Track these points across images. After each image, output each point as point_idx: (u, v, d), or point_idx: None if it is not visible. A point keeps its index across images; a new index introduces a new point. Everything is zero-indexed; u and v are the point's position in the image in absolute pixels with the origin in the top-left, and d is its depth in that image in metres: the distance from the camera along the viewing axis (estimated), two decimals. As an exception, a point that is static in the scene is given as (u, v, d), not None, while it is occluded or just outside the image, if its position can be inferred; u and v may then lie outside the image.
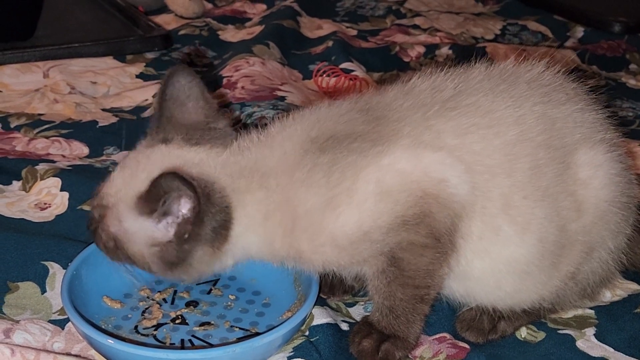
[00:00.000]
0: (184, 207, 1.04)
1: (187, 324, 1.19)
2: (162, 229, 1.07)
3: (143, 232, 1.08)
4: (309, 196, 1.07)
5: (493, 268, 1.12)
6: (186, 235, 1.06)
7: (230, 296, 1.26)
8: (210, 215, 1.06)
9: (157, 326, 1.19)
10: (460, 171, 1.07)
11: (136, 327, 1.19)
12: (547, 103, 1.12)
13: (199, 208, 1.03)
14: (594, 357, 1.17)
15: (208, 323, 1.19)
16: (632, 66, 2.33)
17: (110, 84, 2.06)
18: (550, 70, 1.18)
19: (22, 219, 1.46)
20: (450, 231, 1.08)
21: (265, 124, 1.16)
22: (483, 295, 1.16)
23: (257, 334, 1.17)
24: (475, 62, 1.18)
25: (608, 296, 1.30)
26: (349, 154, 1.07)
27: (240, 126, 1.18)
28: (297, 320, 1.11)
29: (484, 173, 1.08)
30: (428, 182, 1.06)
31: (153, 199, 1.04)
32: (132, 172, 1.10)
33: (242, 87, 1.97)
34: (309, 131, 1.10)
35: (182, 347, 1.15)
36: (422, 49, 2.32)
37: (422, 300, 1.12)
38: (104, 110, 1.93)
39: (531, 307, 1.18)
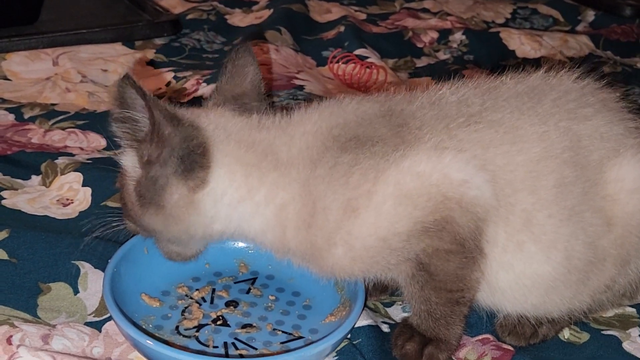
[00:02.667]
0: (137, 106, 1.04)
1: (228, 325, 1.17)
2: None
3: (130, 158, 1.11)
4: (329, 193, 1.07)
5: (518, 282, 1.11)
6: (150, 147, 1.07)
7: (270, 296, 1.24)
8: (174, 135, 1.06)
9: (199, 327, 1.17)
10: (482, 174, 1.06)
11: (177, 327, 1.16)
12: (573, 119, 1.11)
13: (153, 116, 1.04)
14: (643, 359, 1.17)
15: (250, 325, 1.17)
16: (647, 51, 2.32)
17: (121, 72, 2.01)
18: (579, 81, 1.15)
19: (46, 215, 1.43)
20: (475, 235, 1.06)
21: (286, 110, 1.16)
22: (509, 306, 1.15)
23: (300, 337, 1.15)
24: (506, 75, 1.16)
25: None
26: (371, 156, 1.06)
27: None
28: (348, 327, 1.10)
29: (505, 187, 1.07)
30: (448, 185, 1.04)
31: (116, 105, 1.06)
32: None
33: (259, 76, 1.94)
34: (331, 128, 1.10)
35: (226, 351, 1.13)
36: (435, 35, 2.29)
37: (458, 303, 1.11)
38: (117, 99, 1.89)
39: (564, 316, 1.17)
